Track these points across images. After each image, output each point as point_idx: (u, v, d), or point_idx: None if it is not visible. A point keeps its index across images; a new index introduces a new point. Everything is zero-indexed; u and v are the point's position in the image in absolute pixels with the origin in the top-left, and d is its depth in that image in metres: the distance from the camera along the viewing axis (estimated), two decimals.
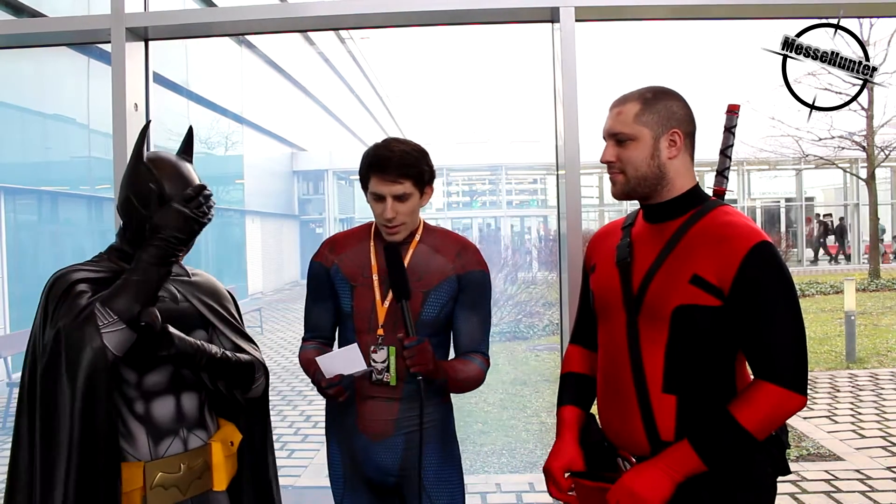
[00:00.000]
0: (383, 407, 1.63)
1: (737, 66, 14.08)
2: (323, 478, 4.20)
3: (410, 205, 1.61)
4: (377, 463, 1.65)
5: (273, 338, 9.63)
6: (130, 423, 1.37)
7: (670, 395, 1.29)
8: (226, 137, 14.24)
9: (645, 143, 1.33)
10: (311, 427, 5.28)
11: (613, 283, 1.39)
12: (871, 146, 12.19)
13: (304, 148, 18.99)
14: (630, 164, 1.34)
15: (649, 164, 1.33)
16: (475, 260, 1.69)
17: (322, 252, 1.73)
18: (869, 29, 10.63)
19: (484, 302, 1.70)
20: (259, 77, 15.18)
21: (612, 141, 1.36)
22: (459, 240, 1.73)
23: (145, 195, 1.41)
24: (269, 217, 16.81)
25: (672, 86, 1.42)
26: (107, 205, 8.49)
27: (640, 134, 1.33)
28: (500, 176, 20.16)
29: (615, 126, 1.35)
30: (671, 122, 1.33)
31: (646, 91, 1.36)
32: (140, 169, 1.42)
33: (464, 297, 1.67)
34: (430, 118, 17.39)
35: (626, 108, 1.34)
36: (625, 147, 1.34)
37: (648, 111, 1.33)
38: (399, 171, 1.57)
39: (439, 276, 1.65)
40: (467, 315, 1.67)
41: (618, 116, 1.35)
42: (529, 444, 4.66)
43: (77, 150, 8.98)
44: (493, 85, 16.26)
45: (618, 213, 20.17)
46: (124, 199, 1.45)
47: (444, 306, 1.65)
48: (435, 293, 1.64)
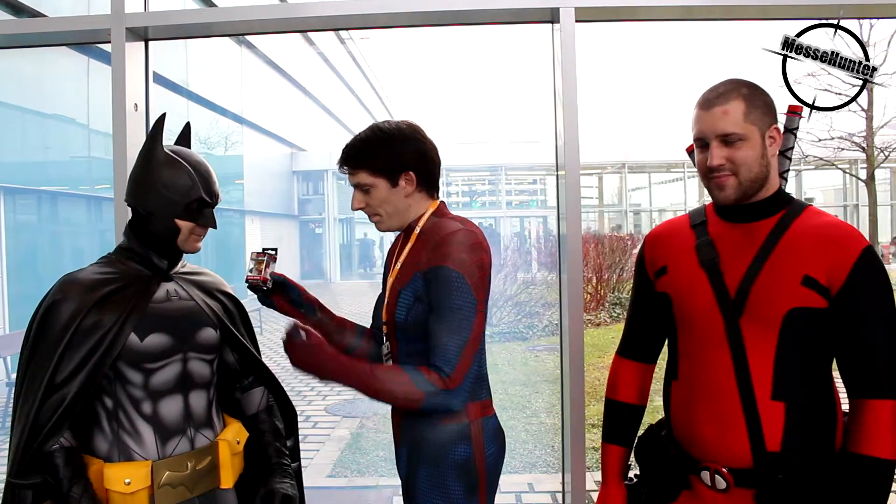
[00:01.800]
0: (393, 413, 1.56)
1: (735, 67, 14.11)
2: (323, 477, 4.20)
3: (378, 195, 1.48)
4: (398, 468, 1.57)
5: (273, 338, 9.62)
6: (137, 423, 1.37)
7: (779, 403, 1.22)
8: (225, 137, 14.24)
9: (756, 142, 1.26)
10: (310, 427, 5.28)
11: (701, 285, 1.31)
12: (871, 147, 12.21)
13: (303, 148, 18.99)
14: (744, 165, 1.26)
15: (760, 163, 1.26)
16: (442, 254, 1.40)
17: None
18: (869, 30, 10.64)
19: (447, 304, 1.39)
20: (259, 77, 15.18)
21: (717, 142, 1.26)
22: (442, 232, 1.45)
23: (182, 188, 1.42)
24: (269, 217, 16.81)
25: (672, 86, 1.41)
26: (106, 205, 8.48)
27: (750, 133, 1.25)
28: (500, 176, 20.15)
29: (725, 126, 1.25)
30: (770, 117, 1.28)
31: (740, 85, 1.28)
32: (173, 161, 1.43)
33: (430, 298, 1.42)
34: (431, 118, 17.40)
35: (732, 107, 1.25)
36: (736, 147, 1.25)
37: (753, 107, 1.26)
38: (350, 162, 1.48)
39: (409, 273, 1.48)
40: (431, 320, 1.41)
41: (725, 116, 1.25)
42: (529, 444, 4.66)
43: (77, 150, 8.98)
44: (494, 85, 16.28)
45: (618, 215, 20.18)
46: (149, 189, 1.42)
47: (411, 308, 1.45)
48: (404, 291, 1.47)
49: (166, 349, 1.39)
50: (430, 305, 1.42)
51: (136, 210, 1.46)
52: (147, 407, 1.37)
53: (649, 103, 19.87)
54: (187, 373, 1.43)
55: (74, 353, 1.31)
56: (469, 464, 1.44)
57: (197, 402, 1.44)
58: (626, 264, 10.04)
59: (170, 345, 1.40)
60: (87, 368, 1.31)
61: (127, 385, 1.36)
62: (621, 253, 10.30)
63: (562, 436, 2.27)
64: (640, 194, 20.72)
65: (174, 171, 1.41)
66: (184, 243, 1.45)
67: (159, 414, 1.38)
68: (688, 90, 18.15)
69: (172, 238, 1.44)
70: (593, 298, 9.65)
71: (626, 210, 19.49)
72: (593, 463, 3.98)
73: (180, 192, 1.41)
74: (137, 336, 1.36)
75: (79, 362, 1.31)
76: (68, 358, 1.31)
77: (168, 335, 1.40)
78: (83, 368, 1.31)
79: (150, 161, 1.42)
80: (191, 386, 1.43)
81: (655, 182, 20.43)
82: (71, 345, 1.31)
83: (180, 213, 1.42)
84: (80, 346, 1.32)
